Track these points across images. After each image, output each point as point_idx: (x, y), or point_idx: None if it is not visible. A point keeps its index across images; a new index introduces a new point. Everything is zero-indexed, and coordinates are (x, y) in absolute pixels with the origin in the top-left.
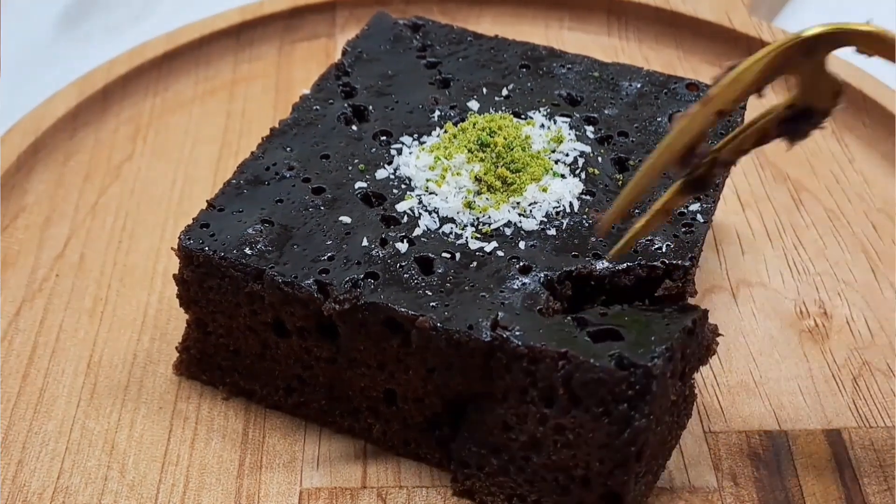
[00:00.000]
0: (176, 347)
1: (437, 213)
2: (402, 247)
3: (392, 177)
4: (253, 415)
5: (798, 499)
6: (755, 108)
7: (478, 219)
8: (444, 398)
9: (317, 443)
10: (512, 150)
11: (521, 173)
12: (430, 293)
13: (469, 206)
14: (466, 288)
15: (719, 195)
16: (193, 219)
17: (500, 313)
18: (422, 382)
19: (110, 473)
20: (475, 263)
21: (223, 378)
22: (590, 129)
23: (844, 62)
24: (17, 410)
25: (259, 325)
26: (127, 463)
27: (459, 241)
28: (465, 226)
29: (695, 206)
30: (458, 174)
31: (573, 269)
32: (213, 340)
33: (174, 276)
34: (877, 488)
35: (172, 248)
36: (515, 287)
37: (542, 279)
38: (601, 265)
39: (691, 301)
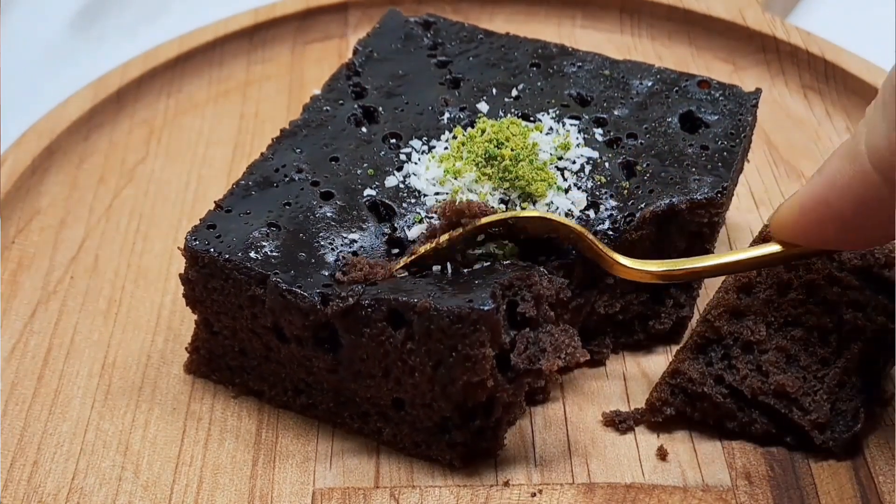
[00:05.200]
0: (186, 347)
1: None
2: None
3: (401, 186)
4: (266, 415)
5: (813, 497)
6: None
7: None
8: (452, 400)
9: (329, 442)
10: (519, 162)
11: (525, 198)
12: (429, 286)
13: None
14: (463, 280)
15: (733, 191)
16: (200, 219)
17: None
18: (429, 384)
19: (124, 474)
20: (476, 267)
21: (232, 378)
22: (598, 132)
23: (857, 57)
24: (33, 412)
25: (260, 328)
26: (141, 464)
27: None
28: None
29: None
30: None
31: None
32: (220, 341)
33: (180, 275)
34: (892, 486)
35: (179, 248)
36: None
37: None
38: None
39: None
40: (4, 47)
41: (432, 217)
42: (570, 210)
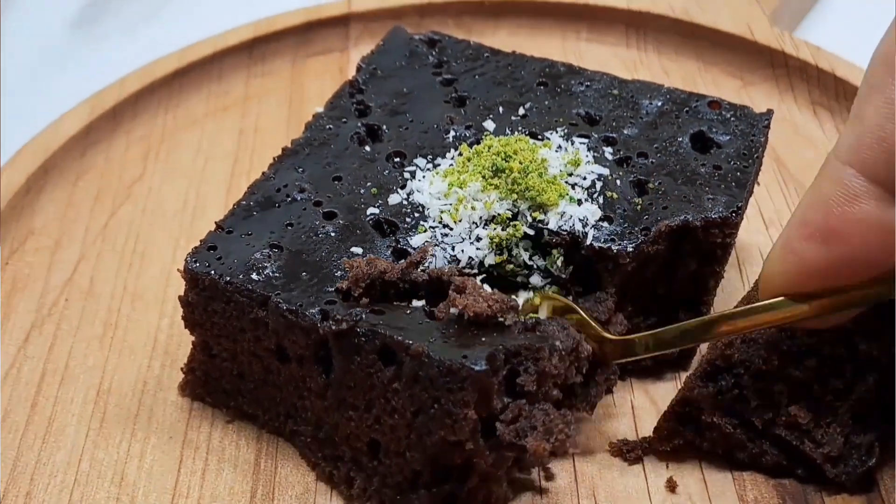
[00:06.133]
0: (181, 368)
1: (451, 249)
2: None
3: (405, 202)
4: (265, 444)
5: None
6: None
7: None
8: (427, 452)
9: None
10: (527, 175)
11: (535, 209)
12: (434, 330)
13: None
14: (472, 332)
15: (743, 213)
16: (201, 241)
17: None
18: (406, 430)
19: None
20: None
21: (227, 401)
22: (608, 151)
23: None
24: (26, 440)
25: (262, 350)
26: (137, 495)
27: None
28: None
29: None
30: (472, 208)
31: None
32: (217, 363)
33: (180, 297)
34: None
35: (179, 270)
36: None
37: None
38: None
39: None
40: (4, 47)
41: (437, 227)
42: (584, 218)
